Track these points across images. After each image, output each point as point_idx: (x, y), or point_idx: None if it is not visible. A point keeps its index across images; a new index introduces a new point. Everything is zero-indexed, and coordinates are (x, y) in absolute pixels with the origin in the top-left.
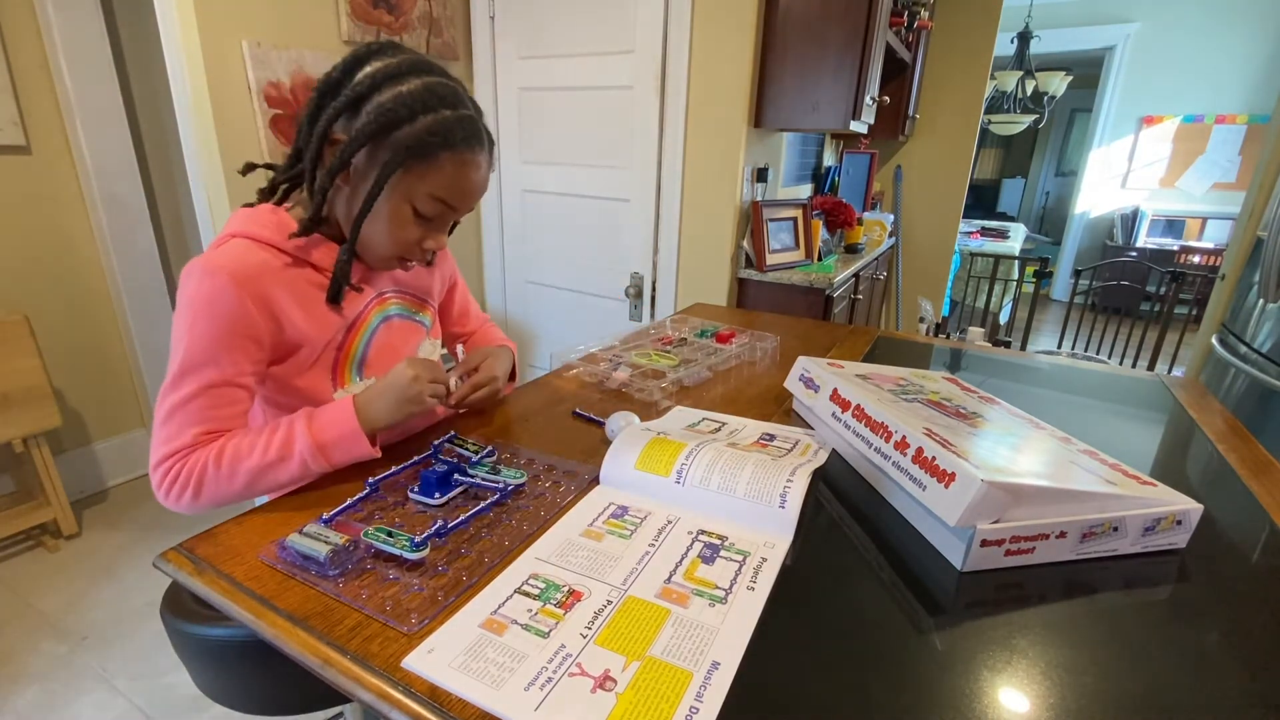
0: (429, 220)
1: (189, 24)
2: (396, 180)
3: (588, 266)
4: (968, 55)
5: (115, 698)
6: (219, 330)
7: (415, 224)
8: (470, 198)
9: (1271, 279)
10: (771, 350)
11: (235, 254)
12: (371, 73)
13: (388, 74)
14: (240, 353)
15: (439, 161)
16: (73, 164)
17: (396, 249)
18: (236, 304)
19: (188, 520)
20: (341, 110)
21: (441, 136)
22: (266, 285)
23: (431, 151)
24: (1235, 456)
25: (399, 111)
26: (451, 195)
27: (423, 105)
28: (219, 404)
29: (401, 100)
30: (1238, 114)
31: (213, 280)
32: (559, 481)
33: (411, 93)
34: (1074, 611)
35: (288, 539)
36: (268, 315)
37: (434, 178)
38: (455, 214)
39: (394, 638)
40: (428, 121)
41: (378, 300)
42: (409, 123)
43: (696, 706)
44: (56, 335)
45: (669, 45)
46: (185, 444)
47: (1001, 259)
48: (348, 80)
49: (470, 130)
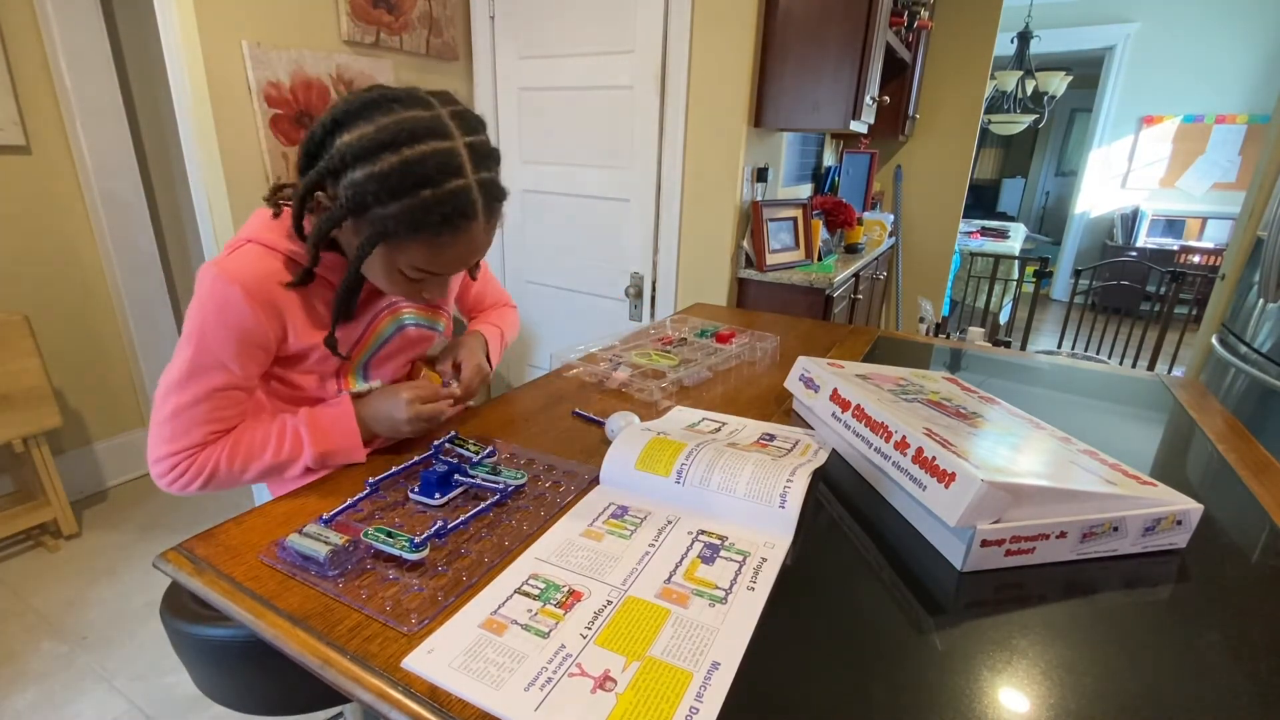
0: (419, 281)
1: (189, 24)
2: (381, 250)
3: (588, 266)
4: (968, 55)
5: (115, 698)
6: (229, 338)
7: (407, 283)
8: (459, 265)
9: (1271, 279)
10: (771, 350)
11: (249, 261)
12: (347, 143)
13: (362, 149)
14: (248, 359)
15: (417, 242)
16: (73, 164)
17: (395, 295)
18: (247, 314)
19: (188, 520)
20: (324, 175)
21: (416, 223)
22: (277, 294)
23: (407, 235)
24: (1235, 456)
25: (369, 196)
26: (435, 267)
27: (396, 189)
28: (225, 406)
29: (374, 180)
30: (1238, 114)
31: (226, 289)
32: (559, 481)
33: (385, 174)
34: (1074, 611)
35: (287, 539)
36: (276, 324)
37: (414, 254)
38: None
39: (394, 638)
40: (400, 207)
41: (390, 310)
42: (380, 205)
43: (696, 707)
44: (56, 335)
45: (669, 45)
46: (194, 443)
47: (1001, 259)
48: (329, 143)
49: (454, 209)
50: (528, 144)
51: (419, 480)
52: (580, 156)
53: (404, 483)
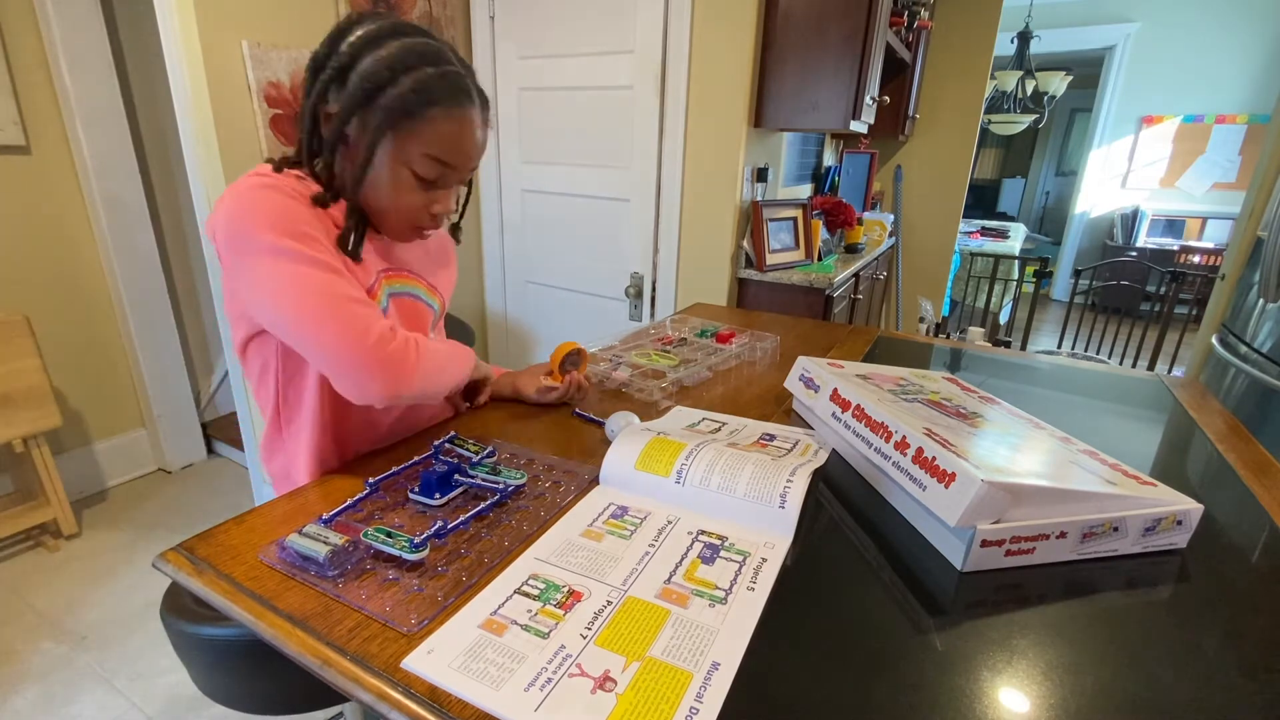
0: (430, 183)
1: (189, 24)
2: (389, 145)
3: (588, 266)
4: (968, 55)
5: (115, 698)
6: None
7: (417, 188)
8: (466, 155)
9: (1271, 279)
10: (771, 350)
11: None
12: (353, 41)
13: (367, 39)
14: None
15: (426, 118)
16: (73, 164)
17: (405, 217)
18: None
19: (188, 520)
20: (330, 82)
21: (425, 93)
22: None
23: (417, 109)
24: (1235, 456)
25: (380, 74)
26: (445, 152)
27: (403, 65)
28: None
29: (381, 63)
30: (1238, 114)
31: (274, 196)
32: (559, 481)
33: (391, 54)
34: (1074, 611)
35: (287, 539)
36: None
37: (424, 135)
38: (455, 173)
39: (394, 638)
40: (409, 80)
41: (386, 274)
42: (391, 84)
43: (696, 707)
44: (56, 335)
45: (669, 45)
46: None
47: (1001, 259)
48: (333, 52)
49: (455, 85)
50: (528, 144)
51: (419, 480)
52: (580, 156)
53: (404, 483)
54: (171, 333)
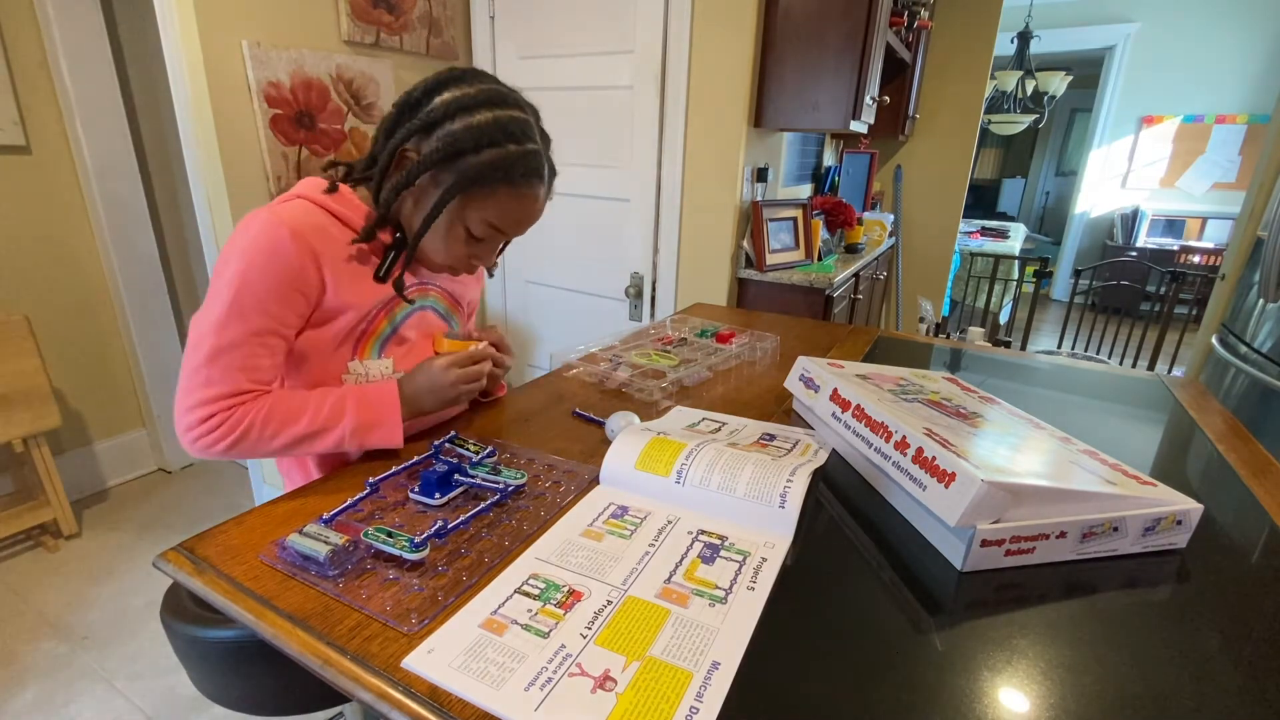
0: (480, 241)
1: (189, 24)
2: (455, 204)
3: (588, 266)
4: (968, 55)
5: (115, 698)
6: (275, 280)
7: (466, 243)
8: (522, 226)
9: (1271, 279)
10: (771, 350)
11: (299, 211)
12: (447, 100)
13: (461, 105)
14: (289, 305)
15: (496, 193)
16: (73, 164)
17: (447, 261)
18: (295, 257)
19: (188, 520)
20: (415, 130)
21: (503, 171)
22: (323, 245)
23: (490, 184)
24: (1235, 456)
25: (466, 142)
26: (504, 224)
27: (489, 139)
28: (262, 353)
29: (470, 131)
30: (1238, 114)
31: (276, 231)
32: (559, 481)
33: (481, 125)
34: (1074, 611)
35: (288, 539)
36: (319, 275)
37: (490, 207)
38: (505, 238)
39: (394, 638)
40: (491, 155)
41: (419, 288)
42: (473, 154)
43: (696, 706)
44: (56, 335)
45: (669, 45)
46: (231, 390)
47: (1001, 259)
48: (426, 102)
49: (531, 166)
50: None
51: (419, 480)
52: (580, 156)
53: (404, 482)
54: (171, 333)
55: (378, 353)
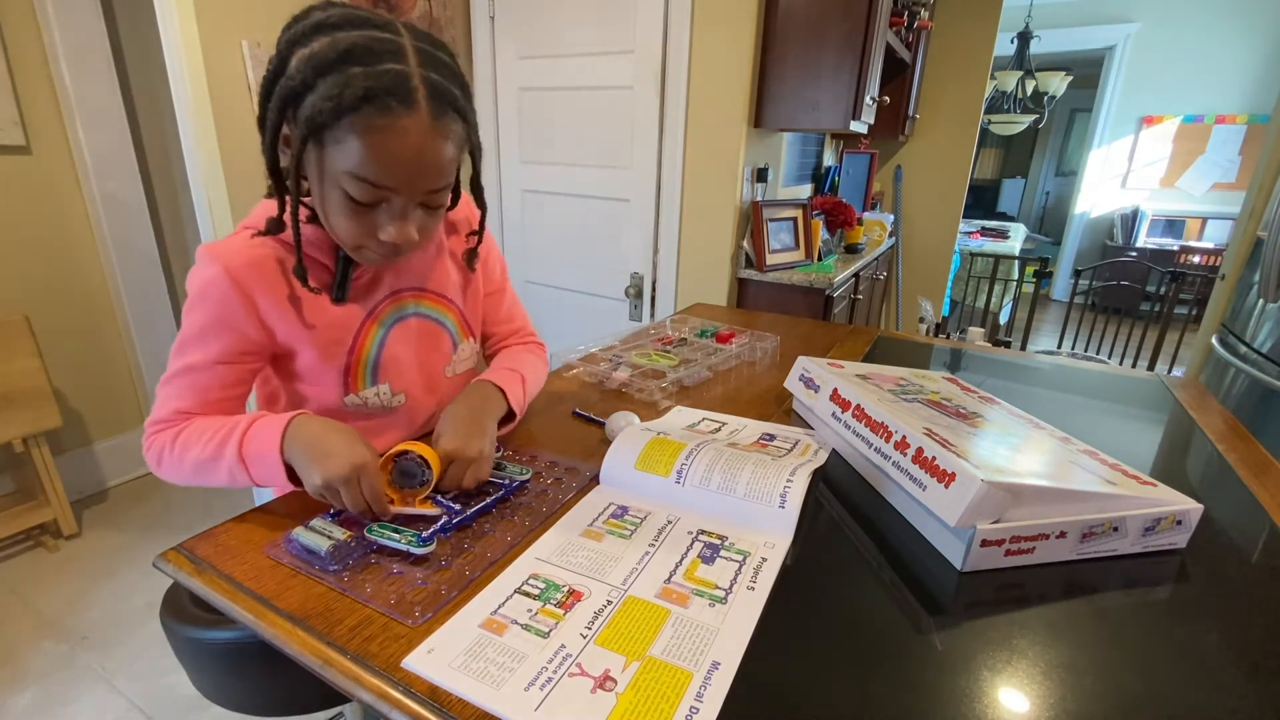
0: (370, 206)
1: (189, 24)
2: (314, 162)
3: (588, 266)
4: (968, 55)
5: (115, 698)
6: (208, 318)
7: (354, 212)
8: (400, 172)
9: (1271, 279)
10: (771, 350)
11: (237, 245)
12: (282, 40)
13: (293, 38)
14: (224, 342)
15: (340, 130)
16: (73, 164)
17: (350, 244)
18: (224, 297)
19: (188, 520)
20: (266, 93)
21: (336, 100)
22: (262, 282)
23: (329, 120)
24: (1235, 456)
25: (295, 79)
26: (369, 171)
27: (324, 67)
28: (197, 386)
29: (303, 63)
30: (1238, 114)
31: (209, 270)
32: (560, 478)
33: (314, 54)
34: (1074, 611)
35: (293, 532)
36: (256, 315)
37: (343, 151)
38: (397, 195)
39: (394, 638)
40: (326, 84)
41: (392, 299)
42: (309, 90)
43: (696, 706)
44: (56, 335)
45: (669, 45)
46: (163, 417)
47: (1001, 259)
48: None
49: (384, 87)
50: (528, 144)
51: None
52: (580, 156)
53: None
54: (171, 333)
55: (370, 380)
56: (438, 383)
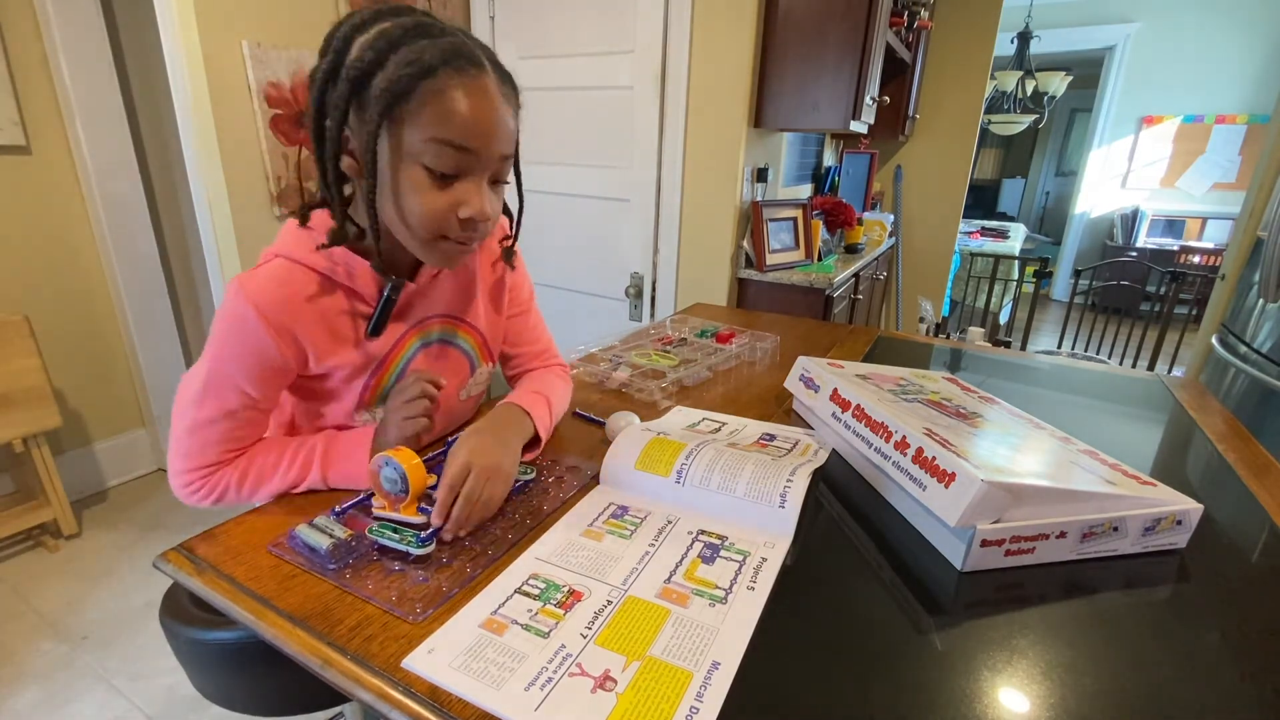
0: (451, 179)
1: (189, 24)
2: (389, 138)
3: (588, 266)
4: (968, 55)
5: (115, 698)
6: (242, 361)
7: (436, 188)
8: (481, 130)
9: (1271, 279)
10: (771, 350)
11: (272, 279)
12: (340, 35)
13: (352, 27)
14: (262, 382)
15: (422, 94)
16: (73, 164)
17: (428, 229)
18: (262, 337)
19: (188, 520)
20: (324, 88)
21: (417, 64)
22: (296, 317)
23: (409, 85)
24: (1235, 456)
25: (365, 58)
26: (453, 132)
27: (390, 44)
28: (240, 427)
29: (367, 46)
30: (1238, 114)
31: (243, 309)
32: (562, 476)
33: (378, 35)
34: (1074, 611)
35: (297, 529)
36: (293, 348)
37: (425, 115)
38: (477, 159)
39: (394, 638)
40: (399, 56)
41: (417, 328)
42: (380, 66)
43: (696, 706)
44: (56, 335)
45: (669, 45)
46: (210, 462)
47: (1001, 259)
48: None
49: (456, 50)
50: (527, 144)
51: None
52: (580, 156)
53: None
54: (171, 332)
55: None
56: (451, 405)
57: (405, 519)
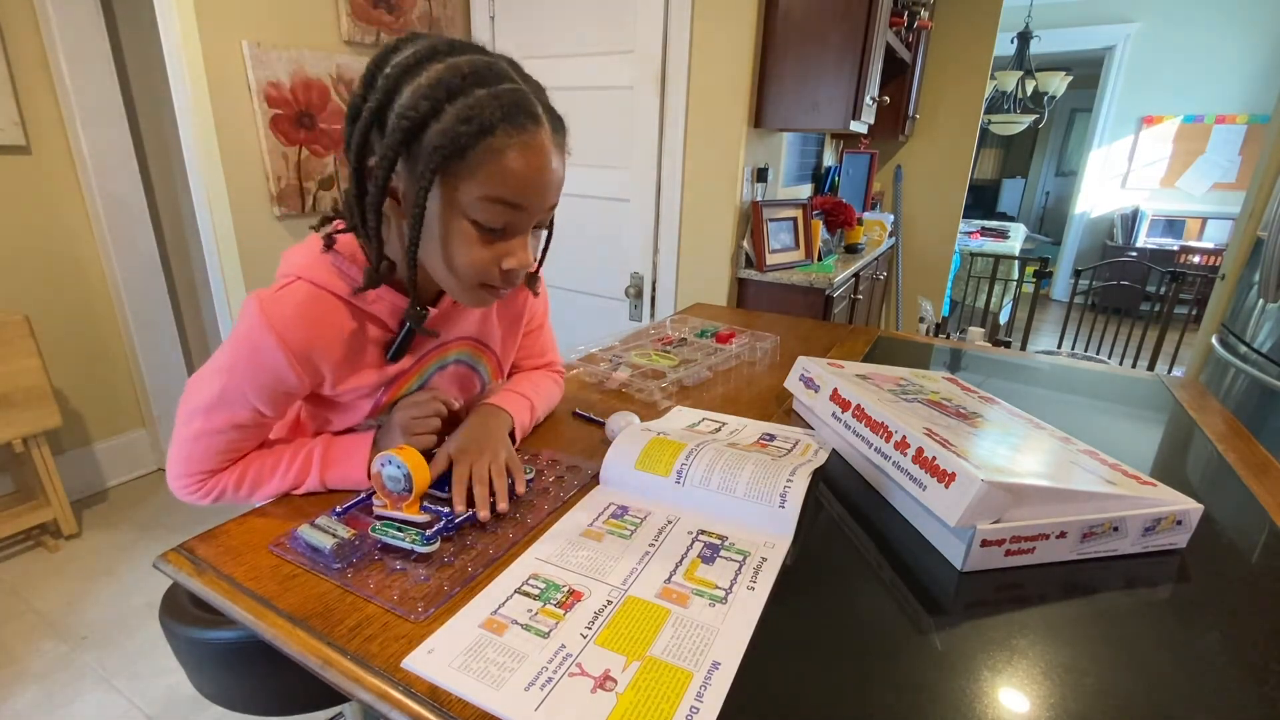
0: (497, 232)
1: (189, 24)
2: (440, 192)
3: (588, 266)
4: (968, 55)
5: (115, 698)
6: (257, 381)
7: (481, 241)
8: (535, 188)
9: (1271, 279)
10: (771, 350)
11: (293, 304)
12: (389, 72)
13: (404, 69)
14: (274, 402)
15: (480, 153)
16: (73, 164)
17: (470, 278)
18: (280, 364)
19: (188, 520)
20: (368, 129)
21: (475, 121)
22: (317, 343)
23: (467, 143)
24: (1235, 456)
25: (420, 106)
26: (510, 191)
27: (447, 92)
28: (245, 437)
29: (421, 92)
30: (1238, 114)
31: (263, 335)
32: (562, 476)
33: (432, 79)
34: (1074, 611)
35: (299, 529)
36: (312, 374)
37: (481, 175)
38: (527, 216)
39: (394, 638)
40: (456, 109)
41: (436, 351)
42: (434, 117)
43: (696, 706)
44: (56, 335)
45: (669, 45)
46: (211, 467)
47: (1001, 259)
48: (369, 92)
49: (515, 105)
50: None
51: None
52: (580, 156)
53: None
54: (171, 333)
55: None
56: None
57: (409, 517)
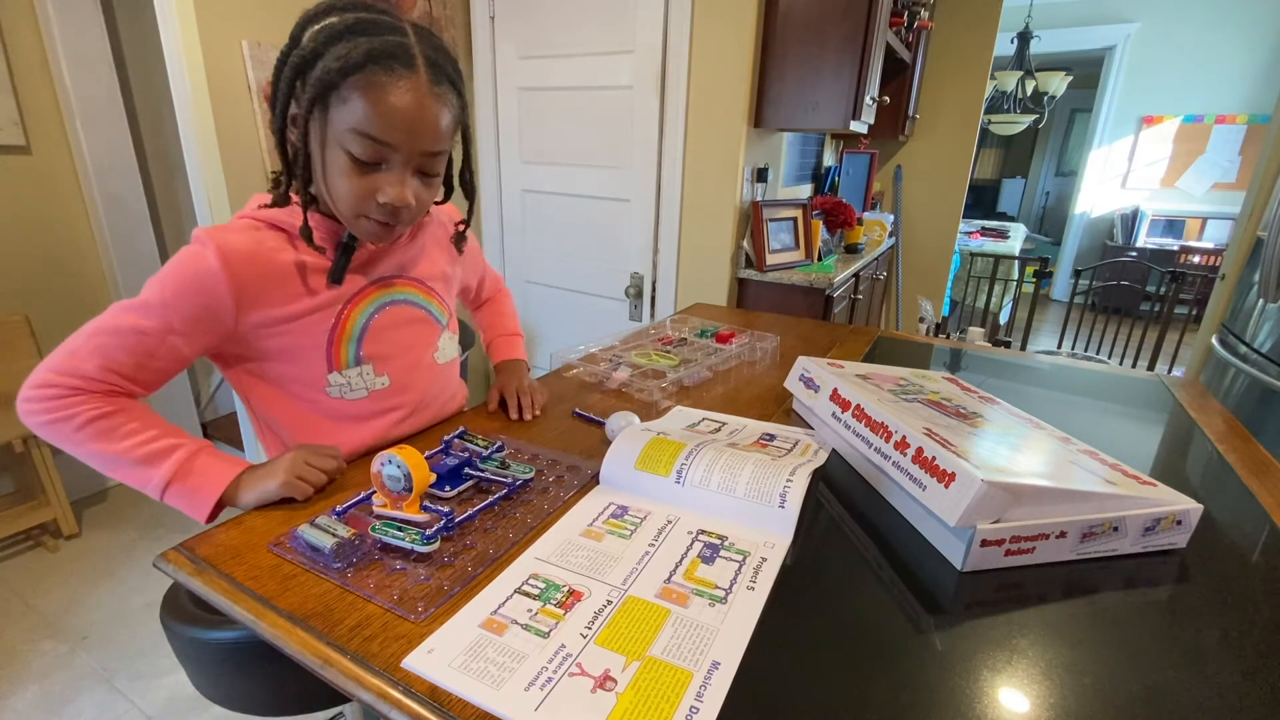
0: (371, 166)
1: (189, 24)
2: (319, 125)
3: (588, 266)
4: (968, 55)
5: (115, 698)
6: (186, 295)
7: (357, 173)
8: (400, 127)
9: (1271, 279)
10: (771, 350)
11: (234, 230)
12: (298, 24)
13: (308, 18)
14: (190, 317)
15: (347, 89)
16: (73, 164)
17: (350, 206)
18: (213, 281)
19: (188, 520)
20: (278, 72)
21: (347, 60)
22: (255, 268)
23: (336, 79)
24: (1235, 456)
25: (306, 49)
26: (373, 126)
27: (330, 37)
28: (140, 350)
29: (313, 37)
30: (1238, 114)
31: (202, 250)
32: (562, 476)
33: (324, 27)
34: (1074, 611)
35: (299, 529)
36: (243, 299)
37: (349, 110)
38: (397, 153)
39: (394, 638)
40: (336, 51)
41: (378, 284)
42: (319, 58)
43: (696, 706)
44: (56, 335)
45: (669, 45)
46: (83, 374)
47: (1001, 259)
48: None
49: (388, 50)
50: (528, 144)
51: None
52: (580, 156)
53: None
54: None
55: (354, 359)
56: (425, 367)
57: (409, 517)
